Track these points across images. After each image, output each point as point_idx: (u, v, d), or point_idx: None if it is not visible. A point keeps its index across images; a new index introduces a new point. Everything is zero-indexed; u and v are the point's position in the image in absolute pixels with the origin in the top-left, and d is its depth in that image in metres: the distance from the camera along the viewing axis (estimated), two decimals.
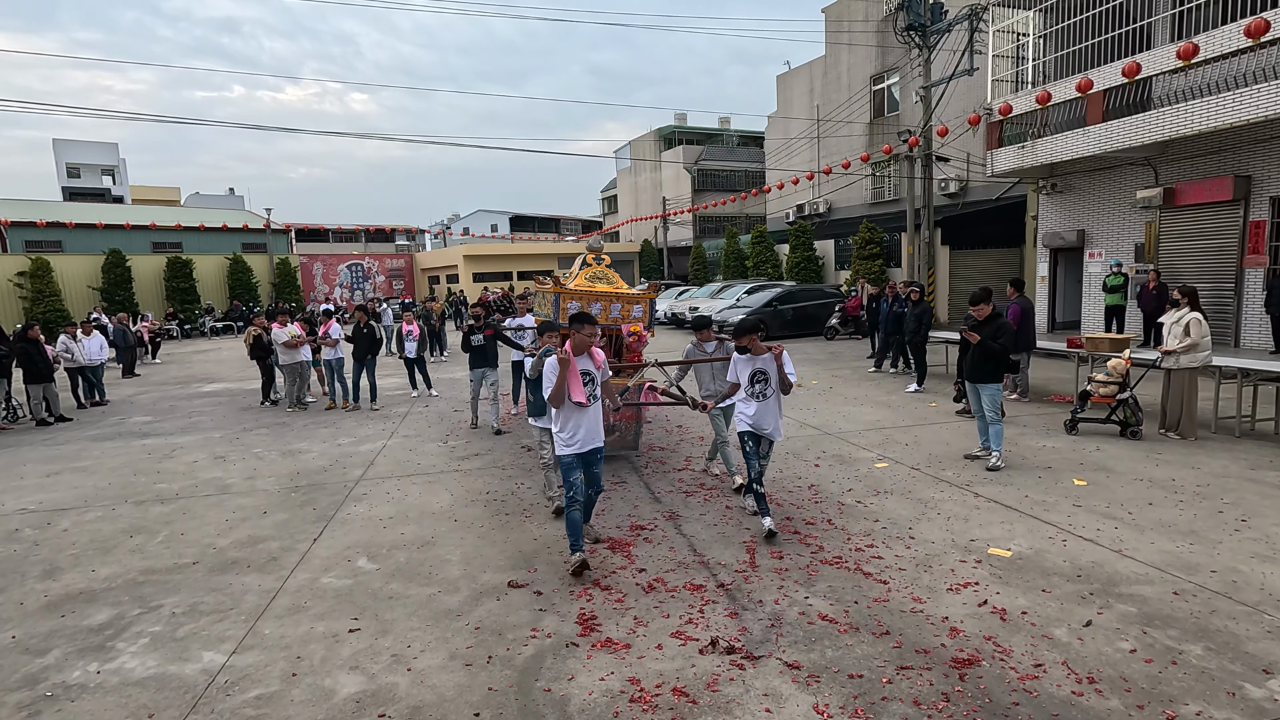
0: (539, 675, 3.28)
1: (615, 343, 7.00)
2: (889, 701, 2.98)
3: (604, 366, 4.52)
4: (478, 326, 8.49)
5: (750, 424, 4.84)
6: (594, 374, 4.39)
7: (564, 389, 4.21)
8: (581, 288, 6.77)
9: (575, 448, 4.33)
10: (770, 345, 4.76)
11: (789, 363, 4.71)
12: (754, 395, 4.83)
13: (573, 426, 4.32)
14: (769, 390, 4.81)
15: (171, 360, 19.06)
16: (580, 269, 7.09)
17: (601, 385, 4.52)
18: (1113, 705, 2.91)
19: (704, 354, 5.98)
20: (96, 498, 6.38)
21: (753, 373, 4.83)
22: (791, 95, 27.71)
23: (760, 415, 4.81)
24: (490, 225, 57.13)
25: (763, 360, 4.80)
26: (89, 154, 46.99)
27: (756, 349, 4.83)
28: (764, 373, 4.81)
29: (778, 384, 4.79)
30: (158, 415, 10.53)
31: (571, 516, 4.32)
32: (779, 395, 4.84)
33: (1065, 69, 13.51)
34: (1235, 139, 11.58)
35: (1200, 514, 4.98)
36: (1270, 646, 3.29)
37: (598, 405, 4.41)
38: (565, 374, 4.18)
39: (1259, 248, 11.74)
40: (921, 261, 17.28)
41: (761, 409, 4.82)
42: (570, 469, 4.36)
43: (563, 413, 4.31)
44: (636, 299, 6.85)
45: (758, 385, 4.83)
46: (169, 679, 3.37)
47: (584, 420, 4.32)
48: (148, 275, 28.82)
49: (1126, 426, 7.17)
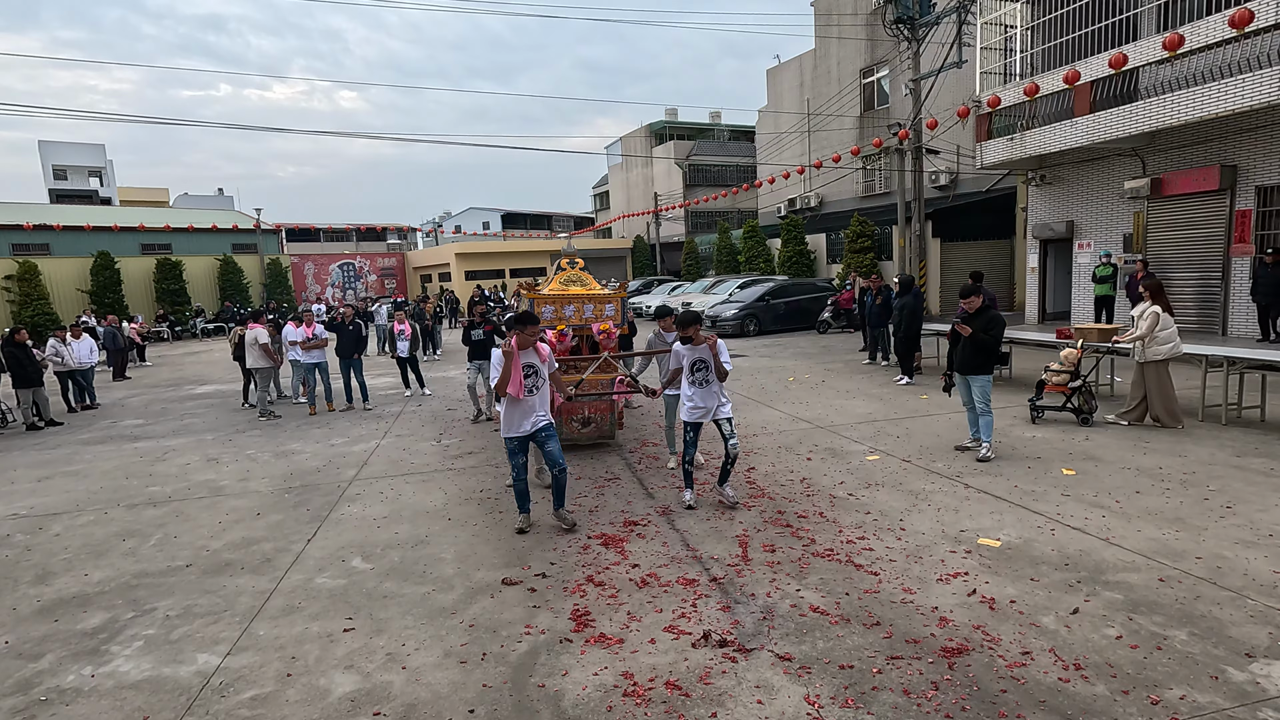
0: (533, 671, 3.30)
1: (590, 341, 7.52)
2: (879, 691, 3.02)
3: (549, 360, 5.06)
4: (478, 322, 9.15)
5: (696, 411, 5.35)
6: (538, 367, 4.96)
7: (508, 379, 4.78)
8: (555, 292, 7.20)
9: (514, 431, 4.96)
10: (706, 337, 5.30)
11: (724, 351, 5.27)
12: (696, 382, 5.35)
13: (514, 414, 4.93)
14: (710, 377, 5.32)
15: (163, 362, 18.97)
16: (555, 274, 7.59)
17: (550, 376, 5.11)
18: (1099, 691, 2.95)
19: (665, 343, 6.44)
20: (88, 501, 6.36)
21: (694, 361, 5.32)
22: (782, 89, 27.71)
23: (703, 400, 5.32)
24: (482, 223, 56.96)
25: (701, 350, 5.30)
26: (75, 155, 46.61)
27: (697, 340, 5.31)
28: (704, 361, 5.29)
29: (715, 371, 5.30)
30: (149, 418, 10.48)
31: (517, 489, 5.07)
32: (718, 382, 5.36)
33: (1053, 61, 13.56)
34: (1221, 129, 11.66)
35: (1186, 501, 5.04)
36: (1253, 630, 3.34)
37: (542, 395, 4.98)
38: (509, 366, 4.77)
39: (1245, 236, 11.84)
40: (913, 254, 17.34)
41: (703, 394, 5.32)
42: (513, 453, 5.02)
43: (507, 401, 4.90)
44: (607, 298, 7.28)
45: (699, 373, 5.33)
46: (164, 681, 3.38)
47: (524, 408, 4.91)
48: (137, 277, 28.65)
49: (1080, 413, 7.37)
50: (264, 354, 9.85)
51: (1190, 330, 12.77)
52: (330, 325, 10.41)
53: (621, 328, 7.51)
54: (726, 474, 5.44)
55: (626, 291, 7.75)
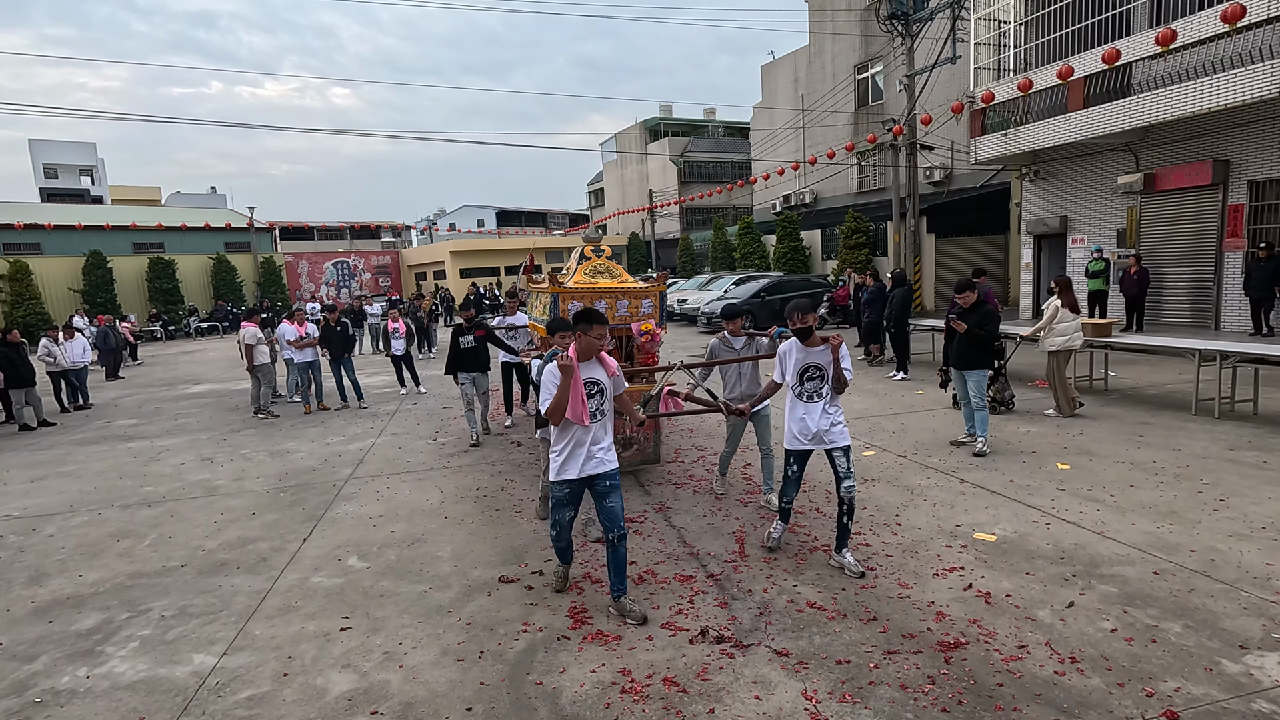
0: (531, 669, 3.30)
1: (626, 345, 6.24)
2: (876, 686, 3.03)
3: (617, 375, 3.80)
4: (467, 327, 7.82)
5: (804, 436, 4.08)
6: (603, 384, 3.71)
7: (564, 402, 3.53)
8: (582, 285, 6.01)
9: (572, 473, 3.64)
10: (831, 335, 4.08)
11: (846, 356, 4.04)
12: (805, 395, 4.07)
13: (569, 447, 3.64)
14: (824, 389, 4.04)
15: (156, 362, 18.87)
16: (579, 264, 6.30)
17: (616, 399, 3.85)
18: (1094, 684, 2.97)
19: (732, 351, 5.23)
20: (82, 502, 6.33)
21: (805, 367, 4.07)
22: (776, 85, 27.69)
23: (815, 420, 4.05)
24: (477, 220, 56.82)
25: (817, 353, 4.07)
26: (66, 154, 46.33)
27: (813, 338, 4.07)
28: (819, 368, 4.06)
29: (833, 382, 4.03)
30: (143, 418, 10.43)
31: (558, 546, 3.91)
32: (833, 395, 4.06)
33: (1046, 56, 13.58)
34: (1214, 124, 11.71)
35: (1180, 495, 5.06)
36: (1246, 623, 3.36)
37: (606, 422, 3.74)
38: (568, 384, 3.50)
39: (1237, 231, 11.90)
40: (907, 250, 17.37)
41: (814, 411, 4.05)
42: (560, 504, 3.73)
43: (559, 431, 3.67)
44: (645, 292, 6.09)
45: (810, 383, 4.05)
46: (159, 682, 3.36)
47: (586, 440, 3.65)
48: (129, 276, 28.50)
49: (997, 401, 7.76)
50: (247, 354, 9.87)
51: (1184, 325, 12.83)
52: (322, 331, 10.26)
53: (662, 327, 6.20)
54: (846, 531, 4.12)
55: (666, 284, 6.45)
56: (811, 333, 4.10)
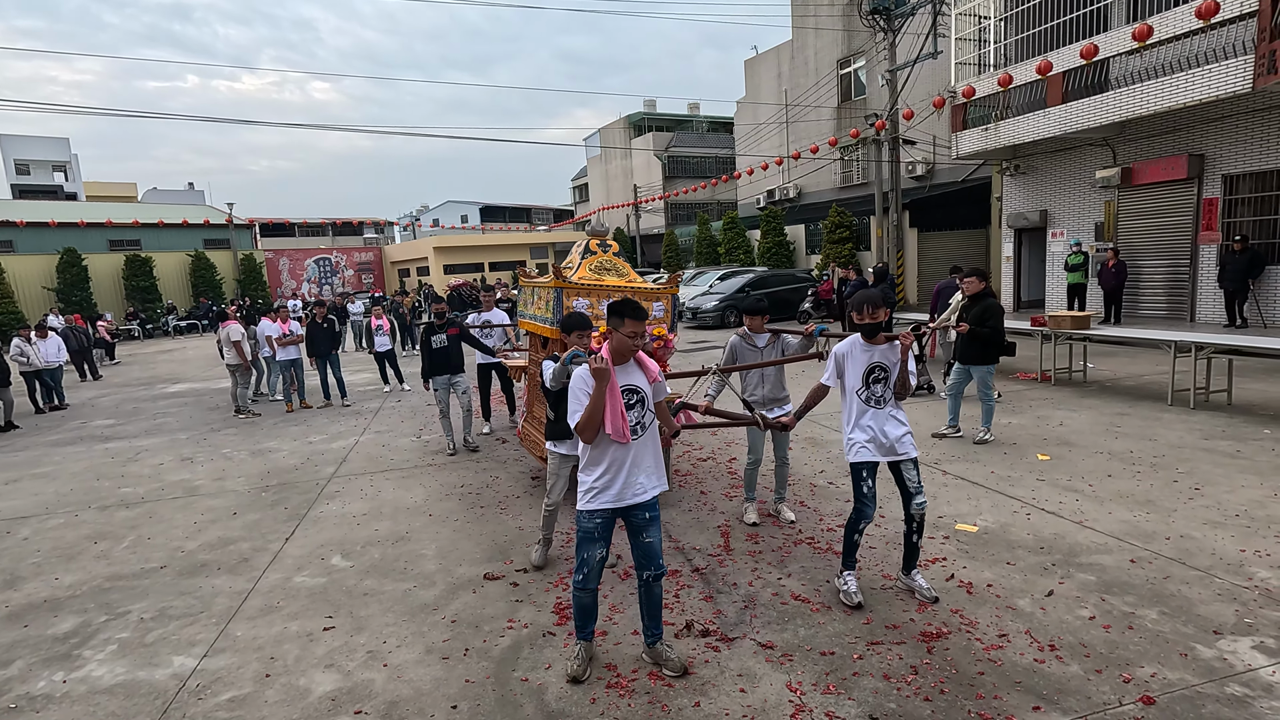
0: (516, 665, 3.29)
1: None
2: (860, 677, 3.06)
3: (659, 381, 3.18)
4: (440, 325, 7.14)
5: (869, 445, 3.59)
6: (643, 392, 3.10)
7: (600, 414, 2.93)
8: (588, 281, 5.35)
9: (606, 501, 3.04)
10: (901, 334, 3.61)
11: (913, 358, 3.62)
12: (871, 399, 3.59)
13: (608, 469, 3.03)
14: (888, 393, 3.59)
15: (134, 361, 18.58)
16: (582, 258, 5.67)
17: (656, 408, 3.19)
18: (1073, 670, 3.01)
19: (756, 350, 4.79)
20: (58, 504, 6.22)
21: (870, 368, 3.58)
22: (760, 80, 27.72)
23: (881, 428, 3.58)
24: (460, 216, 56.46)
25: (884, 351, 3.59)
26: (38, 149, 45.30)
27: (877, 335, 3.59)
28: (884, 369, 3.58)
29: (898, 384, 3.58)
30: (121, 418, 10.27)
31: (580, 601, 3.15)
32: (896, 400, 3.62)
33: (1026, 51, 13.71)
34: (1189, 119, 11.89)
35: (1157, 484, 5.15)
36: (1220, 608, 3.43)
37: (650, 439, 3.11)
38: (604, 392, 2.91)
39: (1212, 224, 12.10)
40: (890, 244, 17.49)
41: (880, 419, 3.58)
42: (588, 539, 3.06)
43: (594, 449, 3.04)
44: (656, 294, 5.44)
45: (875, 386, 3.57)
46: (138, 685, 3.32)
47: (627, 461, 3.03)
48: (105, 274, 28.02)
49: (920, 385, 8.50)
50: (236, 352, 9.68)
51: (1160, 317, 13.04)
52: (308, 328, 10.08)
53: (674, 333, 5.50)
54: (915, 552, 3.70)
55: (679, 286, 5.77)
56: (879, 330, 3.56)
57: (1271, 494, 4.82)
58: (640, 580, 3.16)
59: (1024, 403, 7.86)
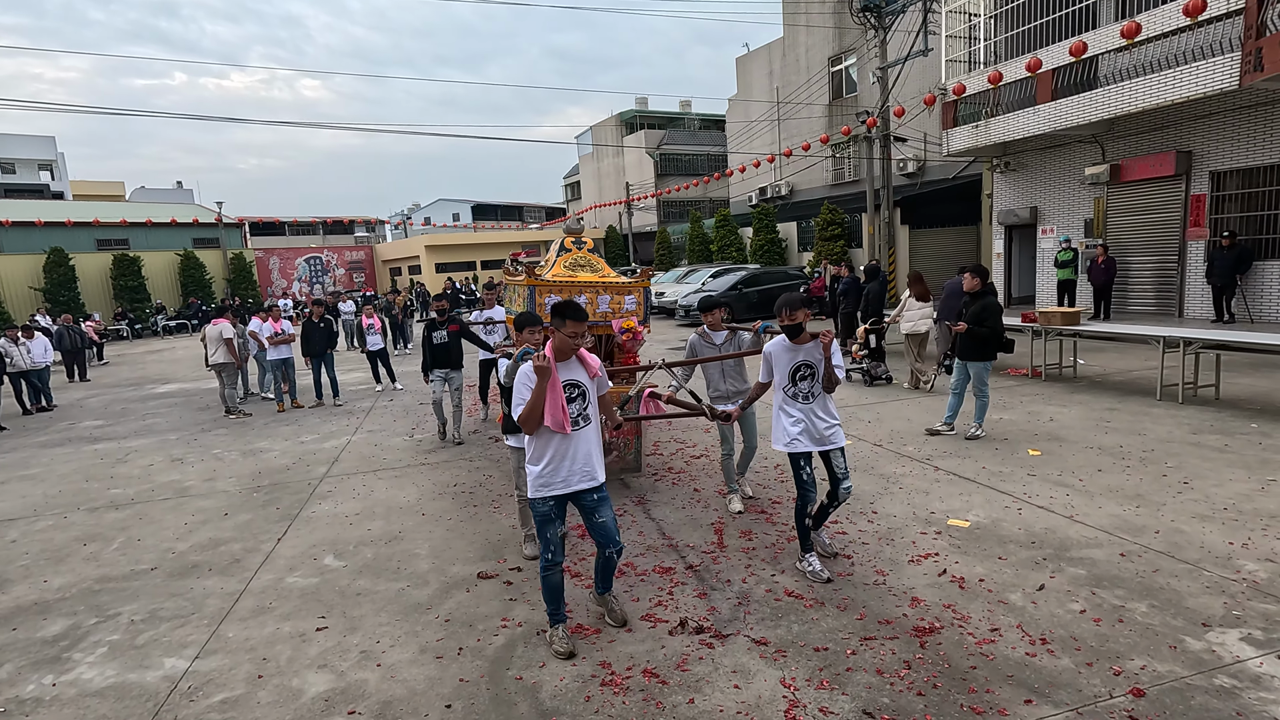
0: (510, 664, 3.29)
1: (605, 343, 5.98)
2: (853, 672, 3.07)
3: (600, 375, 3.43)
4: (440, 321, 7.50)
5: (800, 437, 3.86)
6: (584, 386, 3.35)
7: (540, 408, 3.16)
8: (561, 278, 5.65)
9: (555, 488, 3.28)
10: (821, 332, 3.82)
11: (838, 352, 3.86)
12: (798, 395, 3.86)
13: (551, 459, 3.26)
14: (816, 388, 3.86)
15: (122, 361, 18.43)
16: (558, 255, 5.94)
17: (600, 401, 3.47)
18: (1064, 664, 3.04)
19: (713, 347, 4.99)
20: (46, 506, 6.16)
21: (796, 366, 3.86)
22: (751, 78, 27.73)
23: (809, 420, 3.86)
24: (452, 214, 56.25)
25: (808, 350, 3.85)
26: (24, 148, 44.78)
27: (803, 335, 3.82)
28: (809, 366, 3.85)
29: (825, 380, 3.84)
30: (109, 419, 10.19)
31: (549, 581, 3.36)
32: (826, 395, 3.89)
33: (1016, 49, 13.78)
34: (1177, 116, 11.97)
35: (1146, 478, 5.19)
36: (1208, 601, 3.46)
37: (591, 430, 3.36)
38: (544, 387, 3.13)
39: (1200, 221, 12.20)
40: (882, 241, 17.54)
41: (808, 412, 3.86)
42: (546, 520, 3.32)
43: (538, 440, 3.28)
44: (628, 288, 5.76)
45: (803, 382, 3.85)
46: (129, 688, 3.29)
47: (569, 451, 3.28)
48: (93, 274, 27.75)
49: (868, 374, 9.26)
50: (229, 350, 9.59)
51: (1149, 312, 13.15)
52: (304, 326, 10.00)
53: (646, 326, 5.88)
54: (825, 515, 4.13)
55: (650, 280, 6.13)
56: (802, 330, 3.79)
57: (1259, 487, 4.87)
58: (604, 558, 3.50)
59: (1015, 398, 7.91)
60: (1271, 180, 11.27)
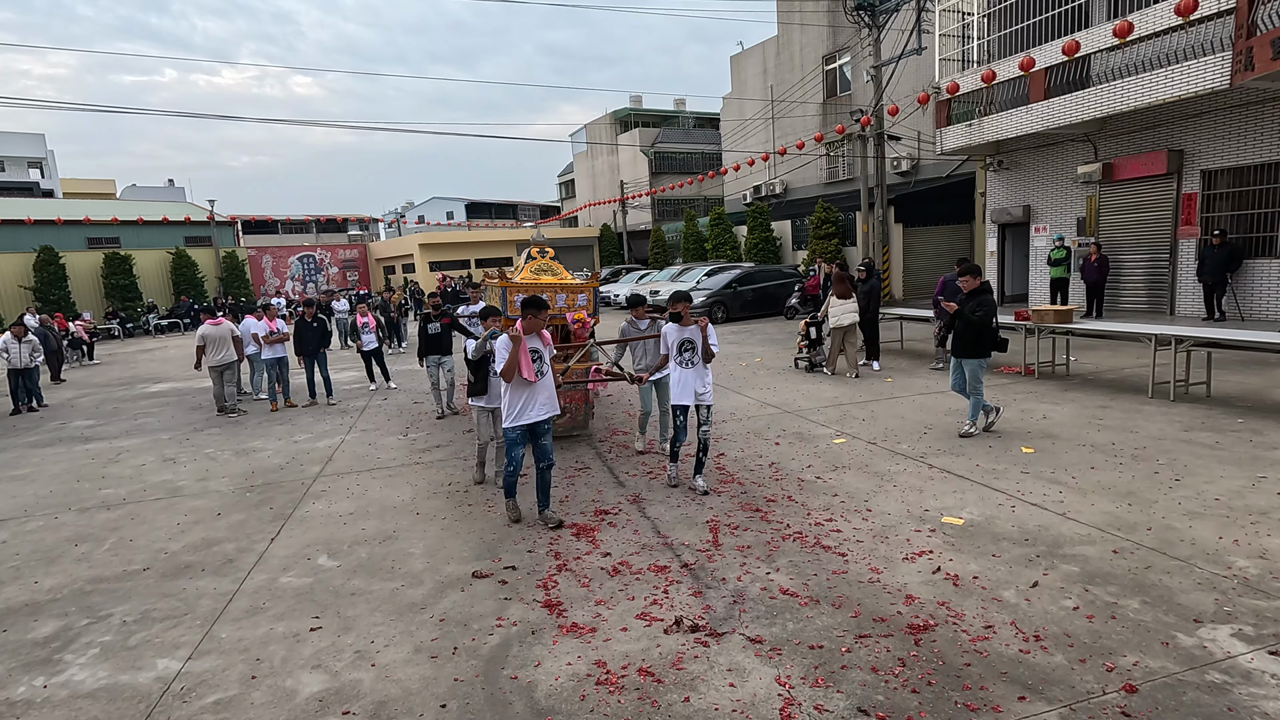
0: (505, 663, 3.28)
1: (562, 330, 7.47)
2: (848, 670, 3.08)
3: (550, 346, 5.02)
4: (434, 315, 8.75)
5: (684, 394, 5.32)
6: (542, 352, 4.88)
7: (515, 364, 4.66)
8: (527, 280, 7.22)
9: (525, 419, 4.83)
10: (697, 319, 5.31)
11: (713, 334, 5.32)
12: (682, 363, 5.33)
13: (521, 401, 4.82)
14: (696, 359, 5.33)
15: (114, 360, 18.31)
16: (526, 262, 7.59)
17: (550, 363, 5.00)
18: (1057, 660, 3.05)
19: (638, 331, 6.64)
20: (37, 506, 6.12)
21: (681, 342, 5.34)
22: (745, 76, 27.73)
23: (688, 382, 5.30)
24: (446, 213, 56.10)
25: (690, 330, 5.32)
26: (13, 146, 44.36)
27: (686, 319, 5.33)
28: (691, 342, 5.32)
29: (702, 353, 5.33)
30: (101, 418, 10.12)
31: (509, 481, 5.03)
32: (703, 364, 5.36)
33: (1009, 47, 13.82)
34: (1168, 114, 12.03)
35: (1138, 475, 5.22)
36: (1200, 597, 3.49)
37: (547, 380, 4.90)
38: (518, 351, 4.65)
39: (1191, 219, 12.27)
40: (876, 240, 17.58)
41: (689, 376, 5.31)
42: (514, 444, 4.88)
43: (512, 388, 4.79)
44: (580, 288, 7.39)
45: (685, 353, 5.33)
46: (121, 689, 3.27)
47: (533, 395, 4.82)
48: (84, 273, 27.56)
49: (809, 363, 10.24)
50: (237, 348, 9.64)
51: (1141, 310, 13.22)
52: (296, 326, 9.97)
53: (595, 317, 7.55)
54: (701, 464, 5.42)
55: (599, 281, 7.85)
56: (683, 316, 5.35)
57: (1250, 484, 4.91)
58: (538, 469, 4.94)
59: (1008, 396, 7.94)
60: (1262, 179, 11.34)
